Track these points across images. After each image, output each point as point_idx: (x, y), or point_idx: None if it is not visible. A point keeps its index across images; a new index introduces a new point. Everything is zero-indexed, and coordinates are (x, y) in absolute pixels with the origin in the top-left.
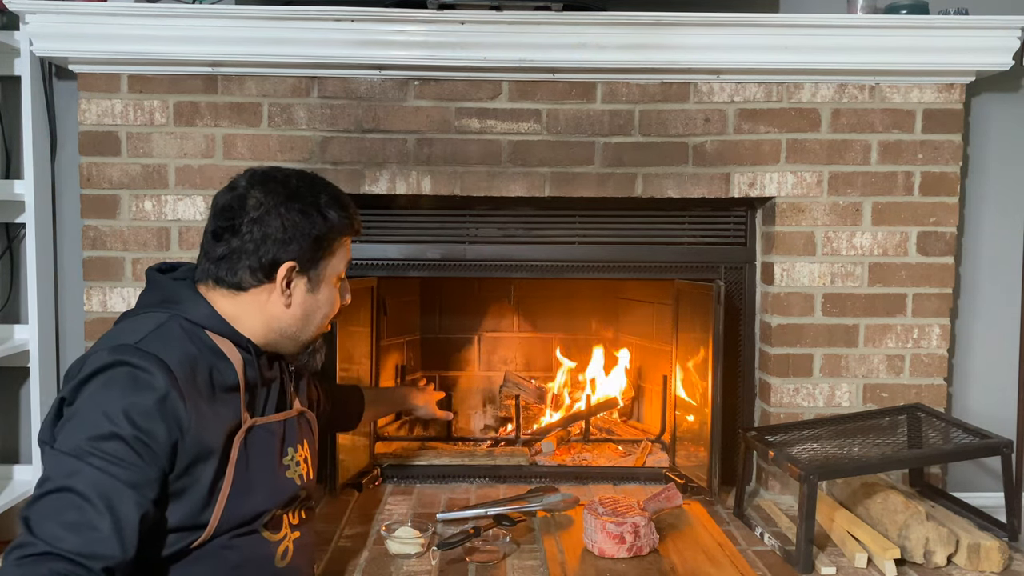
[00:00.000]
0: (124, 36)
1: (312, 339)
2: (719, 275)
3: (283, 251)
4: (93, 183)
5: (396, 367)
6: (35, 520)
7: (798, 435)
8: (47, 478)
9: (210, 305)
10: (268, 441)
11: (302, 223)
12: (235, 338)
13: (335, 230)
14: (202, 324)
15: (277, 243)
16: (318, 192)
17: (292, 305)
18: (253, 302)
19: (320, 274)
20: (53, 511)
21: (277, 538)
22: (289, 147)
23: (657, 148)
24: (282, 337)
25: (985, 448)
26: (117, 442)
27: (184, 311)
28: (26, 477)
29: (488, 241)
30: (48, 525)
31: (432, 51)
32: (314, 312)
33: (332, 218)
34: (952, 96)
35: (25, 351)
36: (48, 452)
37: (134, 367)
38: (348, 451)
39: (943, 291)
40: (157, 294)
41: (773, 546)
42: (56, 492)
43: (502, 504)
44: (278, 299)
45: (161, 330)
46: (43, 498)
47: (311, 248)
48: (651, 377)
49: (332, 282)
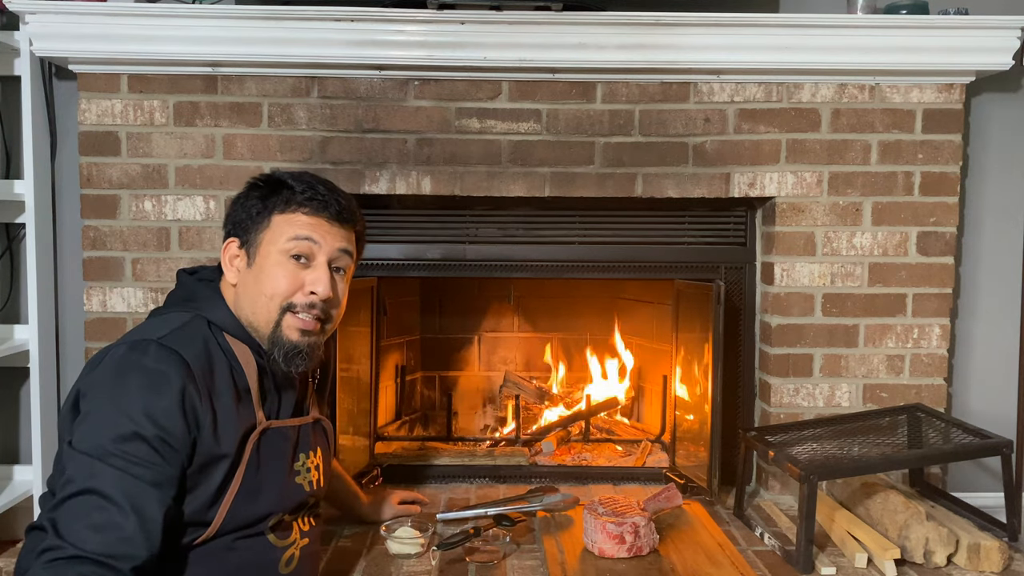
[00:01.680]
0: (124, 36)
1: (271, 329)
2: (719, 275)
3: (227, 231)
4: (93, 183)
5: (396, 367)
6: (62, 523)
7: (798, 435)
8: (70, 480)
9: (227, 307)
10: (281, 445)
11: (242, 201)
12: (248, 341)
13: (267, 203)
14: (219, 325)
15: (226, 225)
16: (277, 175)
17: (237, 283)
18: (226, 289)
19: (256, 249)
20: (79, 513)
21: (285, 544)
22: (289, 147)
23: (657, 148)
24: (248, 325)
25: (985, 448)
26: (139, 442)
27: (204, 311)
28: (26, 477)
29: (488, 241)
30: (75, 527)
31: (432, 51)
32: (254, 288)
33: (266, 193)
34: (952, 96)
35: (25, 351)
36: (68, 451)
37: (153, 363)
38: (348, 451)
39: (943, 291)
40: (181, 293)
41: (773, 546)
42: (81, 494)
43: (502, 504)
44: (228, 278)
45: (186, 328)
46: (68, 500)
47: (244, 221)
48: (651, 377)
49: (274, 256)
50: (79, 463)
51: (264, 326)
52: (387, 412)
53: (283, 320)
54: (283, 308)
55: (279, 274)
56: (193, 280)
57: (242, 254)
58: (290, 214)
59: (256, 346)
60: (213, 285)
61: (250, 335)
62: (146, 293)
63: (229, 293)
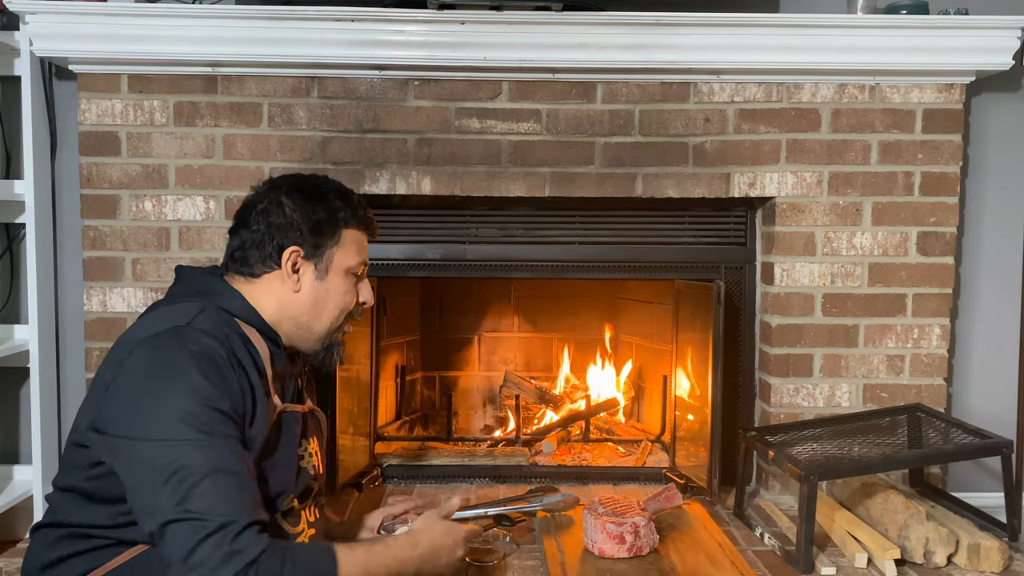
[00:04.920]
0: (124, 36)
1: (328, 333)
2: (719, 275)
3: (286, 237)
4: (93, 183)
5: (396, 367)
6: (205, 508)
7: (798, 435)
8: (174, 472)
9: (243, 297)
10: (293, 428)
11: (303, 209)
12: (264, 329)
13: (337, 218)
14: (235, 313)
15: (281, 230)
16: (323, 185)
17: (301, 291)
18: (266, 289)
19: (328, 263)
20: (219, 492)
21: (295, 532)
22: (289, 147)
23: (657, 148)
24: (297, 327)
25: (985, 448)
26: (218, 414)
27: (219, 301)
28: (26, 477)
29: (488, 241)
30: (222, 505)
31: (432, 51)
32: (324, 300)
33: (334, 206)
34: (952, 96)
35: (25, 351)
36: (141, 446)
37: (196, 345)
38: (348, 451)
39: (943, 291)
40: (190, 286)
41: (773, 546)
42: (205, 478)
43: (502, 504)
44: (287, 284)
45: (206, 314)
46: (197, 486)
47: (312, 233)
48: (651, 377)
49: (343, 273)
50: (166, 452)
51: (326, 332)
52: (387, 412)
53: (342, 325)
54: (345, 317)
55: (349, 290)
56: (200, 274)
57: (309, 265)
58: (353, 230)
59: (272, 334)
60: (223, 279)
61: (265, 324)
62: (146, 293)
63: (249, 288)
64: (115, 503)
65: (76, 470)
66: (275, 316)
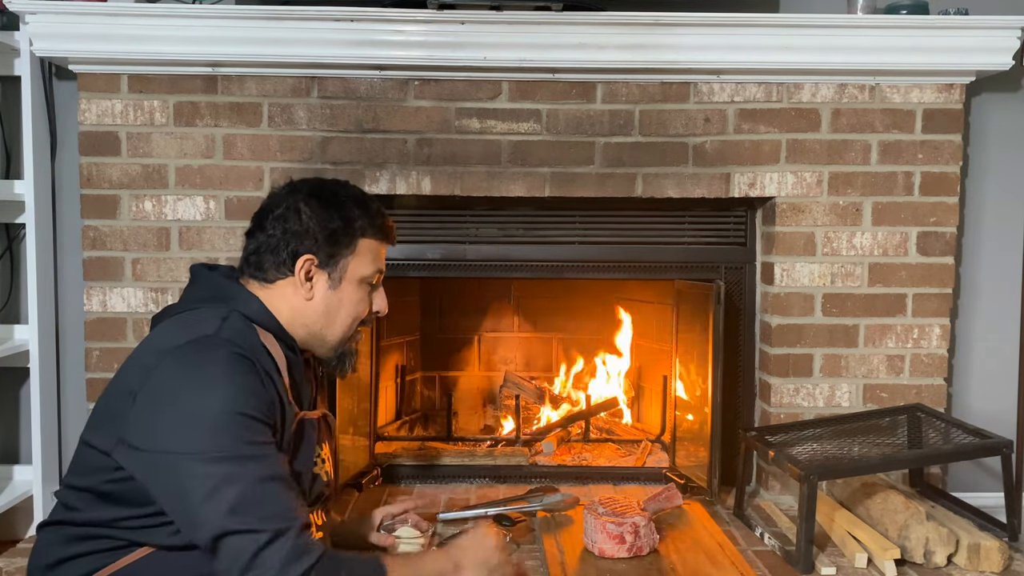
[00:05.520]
0: (124, 36)
1: (340, 342)
2: (719, 275)
3: (301, 244)
4: (93, 183)
5: (396, 367)
6: (258, 519)
7: (798, 435)
8: (221, 484)
9: (261, 302)
10: (310, 435)
11: (320, 217)
12: (281, 335)
13: (354, 227)
14: (253, 319)
15: (296, 236)
16: (342, 192)
17: (314, 299)
18: (280, 295)
19: (342, 272)
20: (266, 501)
21: None
22: (289, 147)
23: (657, 148)
24: (309, 335)
25: (985, 448)
26: (256, 423)
27: (238, 307)
28: (26, 477)
29: (488, 241)
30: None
31: (432, 51)
32: (336, 309)
33: (351, 215)
34: (952, 96)
35: (25, 351)
36: (183, 460)
37: (225, 356)
38: (348, 451)
39: (943, 291)
40: (208, 290)
41: (773, 546)
42: (256, 486)
43: (502, 504)
44: (300, 292)
45: (229, 323)
46: (248, 496)
47: (327, 242)
48: (651, 377)
49: (357, 283)
50: (223, 463)
51: (338, 341)
52: (387, 412)
53: (355, 334)
54: (359, 325)
55: (362, 299)
56: (218, 276)
57: (322, 274)
58: (369, 239)
59: (289, 340)
60: (239, 282)
61: (282, 329)
62: (146, 293)
63: (265, 293)
64: (133, 505)
65: (93, 472)
66: (289, 322)
